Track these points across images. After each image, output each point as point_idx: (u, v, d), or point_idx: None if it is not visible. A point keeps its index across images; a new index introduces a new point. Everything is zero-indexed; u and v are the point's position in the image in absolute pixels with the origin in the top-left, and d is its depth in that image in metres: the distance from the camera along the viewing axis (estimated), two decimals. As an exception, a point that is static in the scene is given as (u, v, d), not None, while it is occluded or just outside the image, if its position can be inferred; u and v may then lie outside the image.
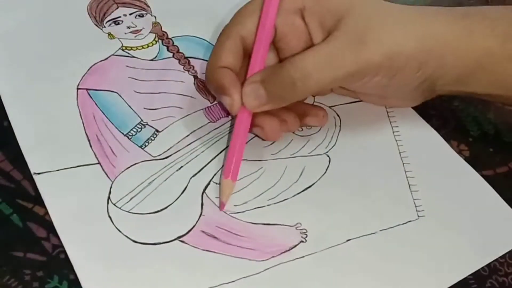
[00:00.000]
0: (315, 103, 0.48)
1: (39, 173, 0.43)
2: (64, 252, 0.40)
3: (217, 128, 0.47)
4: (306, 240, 0.41)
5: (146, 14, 0.53)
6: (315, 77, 0.41)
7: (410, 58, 0.41)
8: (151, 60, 0.50)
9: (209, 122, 0.47)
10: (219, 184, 0.43)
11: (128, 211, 0.42)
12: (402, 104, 0.48)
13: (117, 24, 0.52)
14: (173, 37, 0.52)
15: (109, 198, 0.42)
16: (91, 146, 0.45)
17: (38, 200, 0.42)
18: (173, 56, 0.51)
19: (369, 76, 0.42)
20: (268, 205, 0.43)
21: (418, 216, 0.43)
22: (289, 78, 0.41)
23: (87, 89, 0.48)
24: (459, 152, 0.46)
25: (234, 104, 0.42)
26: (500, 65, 0.42)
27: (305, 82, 0.41)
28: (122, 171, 0.44)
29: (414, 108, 0.48)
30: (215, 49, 0.44)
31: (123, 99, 0.48)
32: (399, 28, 0.41)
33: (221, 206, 0.42)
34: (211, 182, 0.44)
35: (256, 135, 0.45)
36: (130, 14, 0.53)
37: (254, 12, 0.43)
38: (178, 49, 0.51)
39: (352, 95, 0.48)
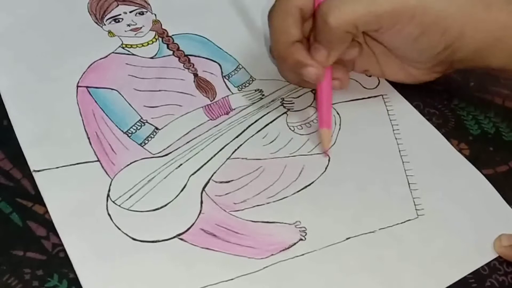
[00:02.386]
0: (315, 101, 0.48)
1: (38, 171, 0.43)
2: (64, 251, 0.40)
3: (216, 126, 0.47)
4: (305, 238, 0.41)
5: (146, 12, 0.53)
6: (344, 8, 0.42)
7: (438, 17, 0.43)
8: (151, 58, 0.50)
9: (208, 120, 0.47)
10: (318, 134, 0.46)
11: (127, 209, 0.42)
12: (421, 75, 0.48)
13: (117, 22, 0.52)
14: (173, 35, 0.52)
15: (108, 195, 0.42)
16: (90, 144, 0.45)
17: (38, 199, 0.42)
18: (173, 54, 0.51)
19: (403, 21, 0.43)
20: (268, 203, 0.43)
21: (418, 215, 0.43)
22: (321, 17, 0.43)
23: (87, 87, 0.48)
24: (459, 151, 0.46)
25: (319, 72, 0.44)
26: None
27: (335, 15, 0.42)
28: (122, 169, 0.44)
29: (415, 106, 0.48)
30: (278, 25, 0.45)
31: (123, 96, 0.48)
32: None
33: (325, 154, 0.45)
34: (211, 180, 0.44)
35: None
36: (130, 12, 0.53)
37: None
38: (178, 47, 0.51)
39: (373, 70, 0.49)
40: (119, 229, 0.41)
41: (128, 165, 0.44)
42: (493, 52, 0.44)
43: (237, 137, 0.46)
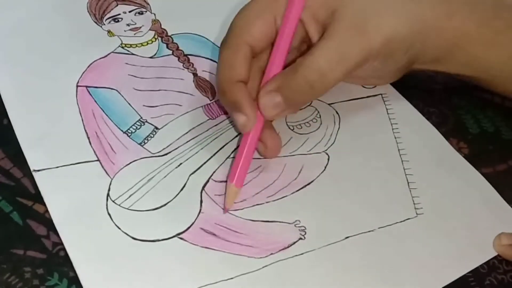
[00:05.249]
0: (312, 104, 0.48)
1: (38, 170, 0.43)
2: (64, 249, 0.40)
3: (216, 125, 0.47)
4: (304, 237, 0.41)
5: (146, 11, 0.53)
6: (330, 75, 0.41)
7: (402, 41, 0.42)
8: (151, 57, 0.51)
9: (208, 119, 0.47)
10: (225, 186, 0.43)
11: (127, 208, 0.42)
12: (380, 83, 0.49)
13: (116, 22, 0.52)
14: (172, 34, 0.52)
15: (108, 195, 0.42)
16: (90, 143, 0.45)
17: (38, 197, 0.42)
18: (172, 54, 0.51)
19: (369, 62, 0.43)
20: (267, 202, 0.43)
21: (417, 214, 0.43)
22: (306, 82, 0.41)
23: (86, 87, 0.48)
24: (459, 150, 0.46)
25: (248, 123, 0.41)
26: (474, 48, 0.43)
27: (323, 82, 0.41)
28: (122, 168, 0.44)
29: (414, 105, 0.48)
30: (226, 61, 0.42)
31: (122, 96, 0.48)
32: (392, 14, 0.42)
33: (225, 210, 0.42)
34: (210, 180, 0.44)
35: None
36: (130, 12, 0.53)
37: (259, 18, 0.43)
38: (178, 47, 0.51)
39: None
40: (119, 228, 0.41)
41: (127, 164, 0.44)
42: (452, 58, 0.44)
43: (236, 136, 0.46)
